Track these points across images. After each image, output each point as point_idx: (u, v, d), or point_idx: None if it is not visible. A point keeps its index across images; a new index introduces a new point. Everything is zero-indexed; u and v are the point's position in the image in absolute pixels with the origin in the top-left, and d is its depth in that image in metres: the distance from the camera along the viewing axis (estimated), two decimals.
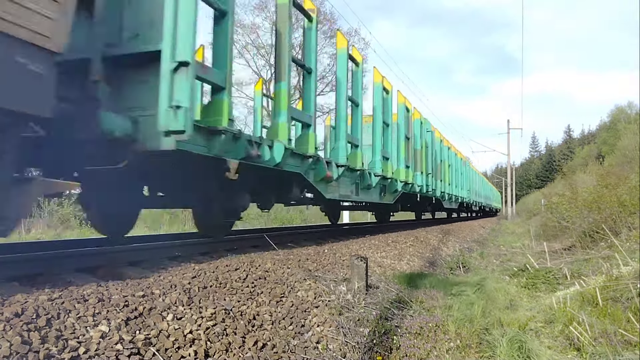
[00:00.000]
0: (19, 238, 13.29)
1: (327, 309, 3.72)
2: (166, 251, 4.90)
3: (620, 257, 5.37)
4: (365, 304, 4.13)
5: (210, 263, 4.32)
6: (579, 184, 15.62)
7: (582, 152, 74.01)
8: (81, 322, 2.31)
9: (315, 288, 4.08)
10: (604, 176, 12.66)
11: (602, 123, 77.19)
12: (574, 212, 11.03)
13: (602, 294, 4.37)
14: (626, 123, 56.83)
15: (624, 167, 20.67)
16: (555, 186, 29.67)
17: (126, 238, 5.90)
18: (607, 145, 55.48)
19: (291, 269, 4.44)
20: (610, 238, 7.12)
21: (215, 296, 3.20)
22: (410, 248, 8.63)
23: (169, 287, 3.10)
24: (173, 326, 2.58)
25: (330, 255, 5.77)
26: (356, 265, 4.42)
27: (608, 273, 5.17)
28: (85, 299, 2.57)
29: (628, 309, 3.97)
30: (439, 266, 7.98)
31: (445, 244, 11.12)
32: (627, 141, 40.01)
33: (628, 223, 8.74)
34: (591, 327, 3.61)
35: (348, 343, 3.29)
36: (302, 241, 7.50)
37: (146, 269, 3.96)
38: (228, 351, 2.63)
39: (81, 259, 3.93)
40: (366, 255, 5.15)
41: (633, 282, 4.41)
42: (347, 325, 3.53)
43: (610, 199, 9.62)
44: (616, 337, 3.42)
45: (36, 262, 3.61)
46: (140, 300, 2.74)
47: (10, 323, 2.11)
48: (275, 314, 3.33)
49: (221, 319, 2.88)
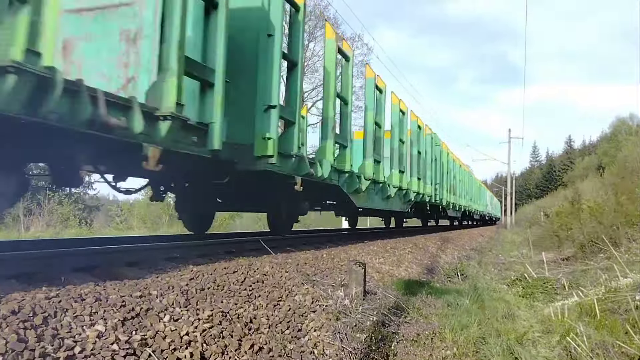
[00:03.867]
0: (18, 236, 13.29)
1: (324, 313, 3.71)
2: (164, 252, 4.88)
3: (619, 269, 5.37)
4: (362, 309, 4.12)
5: (208, 265, 4.31)
6: (581, 194, 15.61)
7: (582, 163, 73.95)
8: (78, 322, 2.30)
9: (313, 293, 4.07)
10: (615, 185, 12.66)
11: (604, 134, 77.27)
12: (574, 222, 11.02)
13: (600, 306, 4.37)
14: (627, 134, 56.87)
15: (626, 179, 20.65)
16: (556, 196, 29.64)
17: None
18: (608, 157, 55.42)
19: (289, 272, 4.43)
20: (610, 249, 7.11)
21: (213, 298, 3.19)
22: (409, 255, 8.62)
23: (167, 289, 3.09)
24: (170, 327, 2.57)
25: (329, 260, 5.76)
26: (354, 271, 4.41)
27: (606, 284, 5.17)
28: (83, 298, 2.56)
29: (626, 321, 3.97)
30: (437, 274, 7.96)
31: (443, 252, 11.10)
32: (627, 152, 40.01)
33: (628, 235, 8.73)
34: (589, 339, 3.60)
35: (344, 348, 3.28)
36: (301, 245, 7.48)
37: (144, 270, 3.94)
38: (224, 354, 2.62)
39: (79, 258, 3.92)
40: (364, 261, 5.14)
41: (631, 294, 4.40)
42: (344, 331, 3.52)
43: (616, 208, 9.60)
44: (613, 349, 3.42)
45: (34, 261, 3.61)
46: (137, 300, 2.73)
47: (7, 320, 2.10)
48: (272, 318, 3.32)
49: (218, 321, 2.88)
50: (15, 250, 4.11)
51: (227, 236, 8.31)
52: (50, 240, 6.25)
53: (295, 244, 7.49)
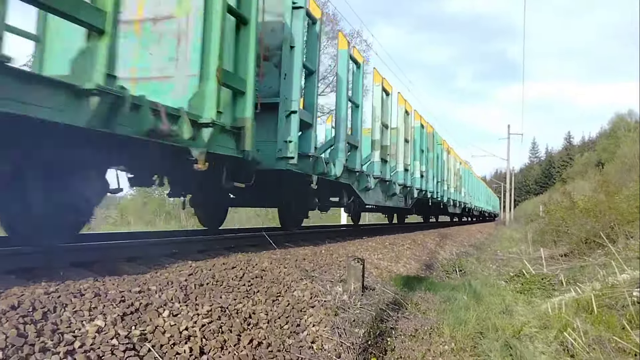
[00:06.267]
0: None
1: (322, 309, 3.72)
2: (164, 248, 4.89)
3: (617, 265, 5.39)
4: (361, 305, 4.13)
5: (207, 261, 4.32)
6: (578, 190, 15.65)
7: (581, 159, 74.03)
8: (77, 317, 2.31)
9: (312, 288, 4.08)
10: (604, 183, 12.71)
11: (603, 130, 77.32)
12: (571, 219, 11.05)
13: (597, 301, 4.39)
14: (626, 131, 56.92)
15: (623, 175, 20.69)
16: (554, 192, 29.69)
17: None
18: (607, 153, 55.48)
19: (288, 268, 4.45)
20: (608, 245, 7.13)
21: (212, 294, 3.20)
22: (408, 251, 8.64)
23: (166, 284, 3.10)
24: (169, 322, 2.59)
25: (327, 256, 5.78)
26: (353, 267, 4.43)
27: (604, 280, 5.19)
28: (82, 293, 2.57)
29: (623, 317, 3.99)
30: (435, 269, 7.99)
31: (442, 248, 11.13)
32: (626, 149, 40.09)
33: (626, 231, 8.75)
34: (585, 334, 3.63)
35: (343, 343, 3.30)
36: (299, 241, 7.49)
37: (143, 265, 3.95)
38: (223, 349, 2.64)
39: (78, 253, 3.93)
40: (363, 257, 5.16)
41: (629, 290, 4.42)
42: (343, 326, 3.53)
43: (609, 206, 9.64)
44: (610, 344, 3.43)
45: (33, 256, 3.61)
46: (136, 296, 2.74)
47: (7, 316, 2.11)
48: (271, 313, 3.34)
49: (217, 316, 2.89)
50: (14, 246, 4.11)
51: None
52: None
53: (294, 239, 7.51)
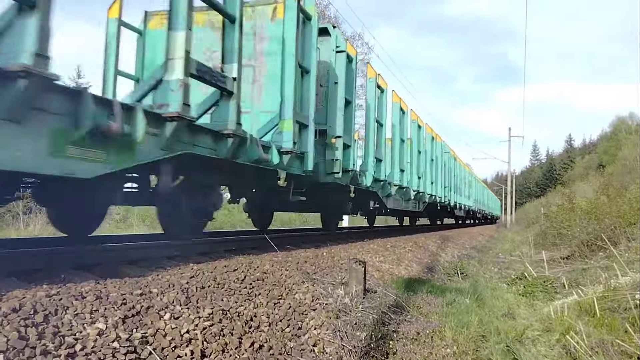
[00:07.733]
0: (18, 234, 13.29)
1: (324, 312, 3.71)
2: (165, 250, 4.89)
3: (619, 268, 5.37)
4: (362, 308, 4.12)
5: (208, 263, 4.31)
6: (579, 193, 15.62)
7: (582, 162, 73.95)
8: (78, 319, 2.31)
9: (313, 291, 4.07)
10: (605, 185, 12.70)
11: (604, 133, 77.25)
12: (572, 221, 11.03)
13: (599, 304, 4.37)
14: (627, 133, 56.86)
15: (624, 178, 20.64)
16: (555, 195, 29.67)
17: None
18: (608, 155, 55.43)
19: (289, 271, 4.44)
20: (610, 248, 7.11)
21: (213, 296, 3.20)
22: (409, 253, 8.62)
23: (167, 286, 3.10)
24: (170, 325, 2.58)
25: (329, 259, 5.77)
26: (354, 269, 4.42)
27: (606, 283, 5.17)
28: (83, 296, 2.57)
29: (625, 320, 3.97)
30: (437, 272, 7.97)
31: (444, 250, 11.11)
32: (627, 151, 40.04)
33: (627, 234, 8.73)
34: (588, 337, 3.61)
35: (345, 347, 3.29)
36: (301, 244, 7.49)
37: (144, 268, 3.95)
38: (224, 352, 2.63)
39: (80, 256, 3.93)
40: (365, 260, 5.14)
41: (631, 293, 4.40)
42: (344, 329, 3.52)
43: (610, 209, 9.62)
44: (613, 348, 3.42)
45: (35, 258, 3.61)
46: (138, 298, 2.74)
47: (8, 318, 2.10)
48: (273, 316, 3.33)
49: (218, 319, 2.88)
50: (16, 248, 4.11)
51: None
52: (51, 238, 6.25)
53: (295, 242, 7.51)
